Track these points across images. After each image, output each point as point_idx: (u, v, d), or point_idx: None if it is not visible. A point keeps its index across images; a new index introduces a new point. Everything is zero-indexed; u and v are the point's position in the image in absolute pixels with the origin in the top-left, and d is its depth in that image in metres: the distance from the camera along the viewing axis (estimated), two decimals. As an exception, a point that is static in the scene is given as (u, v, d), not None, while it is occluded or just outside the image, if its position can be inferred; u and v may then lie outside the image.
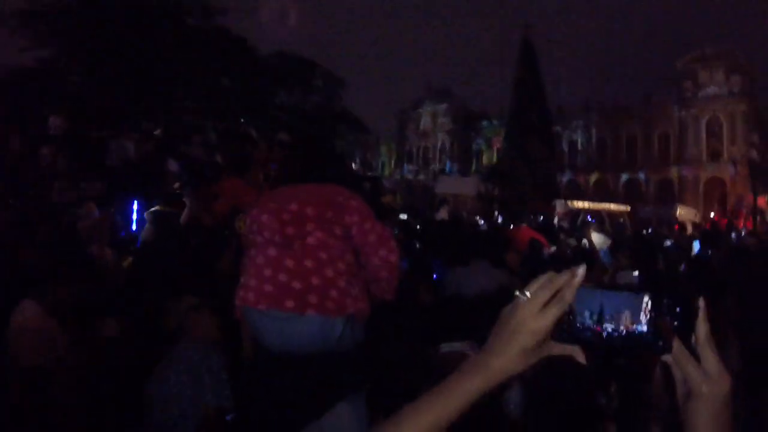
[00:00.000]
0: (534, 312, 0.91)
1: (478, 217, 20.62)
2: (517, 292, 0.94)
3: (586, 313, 0.91)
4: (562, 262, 6.58)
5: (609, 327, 0.90)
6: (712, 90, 52.61)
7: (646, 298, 0.89)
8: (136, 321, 3.80)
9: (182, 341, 3.00)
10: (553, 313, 0.91)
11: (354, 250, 3.04)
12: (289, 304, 2.85)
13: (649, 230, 20.57)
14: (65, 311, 3.00)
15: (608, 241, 8.50)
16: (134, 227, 8.25)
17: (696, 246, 9.20)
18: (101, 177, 10.27)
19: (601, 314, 0.91)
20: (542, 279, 0.94)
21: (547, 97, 42.68)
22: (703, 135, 53.54)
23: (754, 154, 23.81)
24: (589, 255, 7.21)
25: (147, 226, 7.72)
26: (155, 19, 21.62)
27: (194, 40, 22.96)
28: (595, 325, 0.91)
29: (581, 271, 0.91)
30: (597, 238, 7.98)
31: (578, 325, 0.92)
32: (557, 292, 0.92)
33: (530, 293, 0.93)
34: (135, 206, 8.37)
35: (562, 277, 0.92)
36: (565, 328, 0.92)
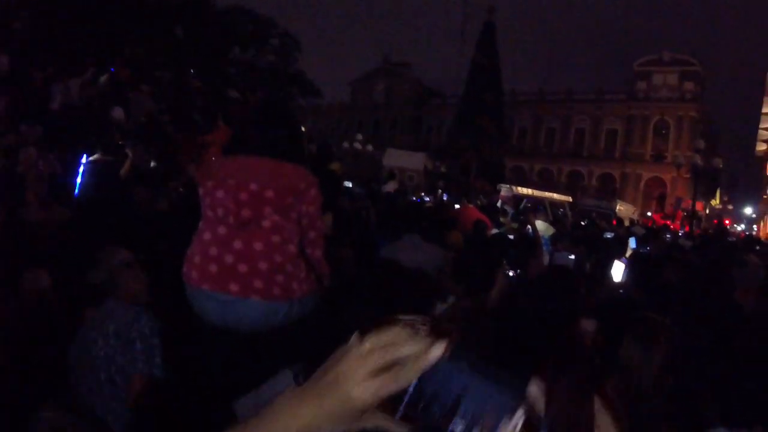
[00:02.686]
0: (360, 376, 0.68)
1: (423, 194, 20.70)
2: (356, 335, 0.71)
3: (439, 398, 0.68)
4: (504, 244, 6.66)
5: (459, 425, 0.66)
6: (664, 93, 53.84)
7: (519, 414, 0.64)
8: (66, 273, 3.64)
9: (110, 300, 2.84)
10: (380, 389, 0.68)
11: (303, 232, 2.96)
12: (233, 287, 2.75)
13: (588, 221, 21.01)
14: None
15: (551, 230, 8.60)
16: (79, 179, 7.87)
17: (632, 242, 9.40)
18: (42, 121, 9.84)
19: (456, 404, 0.67)
20: (389, 335, 0.69)
21: (502, 80, 43.08)
22: (650, 135, 54.75)
23: (698, 159, 24.43)
24: (531, 241, 7.27)
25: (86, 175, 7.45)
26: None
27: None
28: (441, 416, 0.67)
29: (438, 351, 0.67)
30: (541, 225, 8.05)
31: (421, 408, 0.68)
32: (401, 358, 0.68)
33: (366, 347, 0.69)
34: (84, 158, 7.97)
35: (415, 346, 0.68)
36: (405, 409, 0.68)
